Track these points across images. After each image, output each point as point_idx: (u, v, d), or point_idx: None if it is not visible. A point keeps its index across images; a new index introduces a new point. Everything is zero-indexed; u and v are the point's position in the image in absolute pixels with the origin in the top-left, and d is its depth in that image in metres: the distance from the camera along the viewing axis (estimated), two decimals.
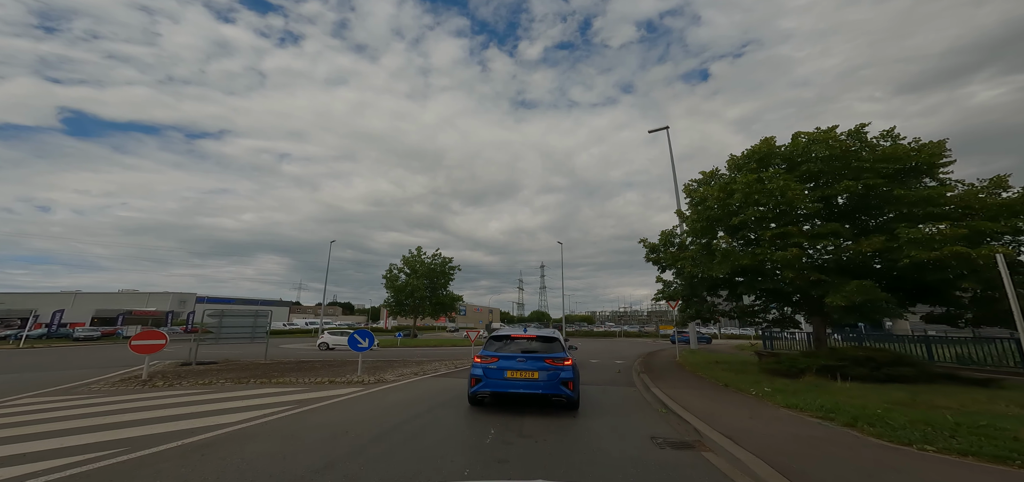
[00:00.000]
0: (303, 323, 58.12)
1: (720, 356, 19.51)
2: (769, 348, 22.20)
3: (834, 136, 12.00)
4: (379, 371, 12.83)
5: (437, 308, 43.93)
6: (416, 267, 43.49)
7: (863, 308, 9.35)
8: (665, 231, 15.65)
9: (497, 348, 7.70)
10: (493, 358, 7.45)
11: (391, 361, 17.04)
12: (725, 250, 11.52)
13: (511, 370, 7.23)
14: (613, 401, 9.04)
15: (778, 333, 20.72)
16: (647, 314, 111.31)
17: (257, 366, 13.76)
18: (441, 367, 15.03)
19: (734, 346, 32.83)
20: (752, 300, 14.97)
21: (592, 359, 20.22)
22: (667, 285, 16.05)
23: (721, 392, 9.35)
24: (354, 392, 9.46)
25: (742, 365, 14.26)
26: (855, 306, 9.25)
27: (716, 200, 12.56)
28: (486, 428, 6.32)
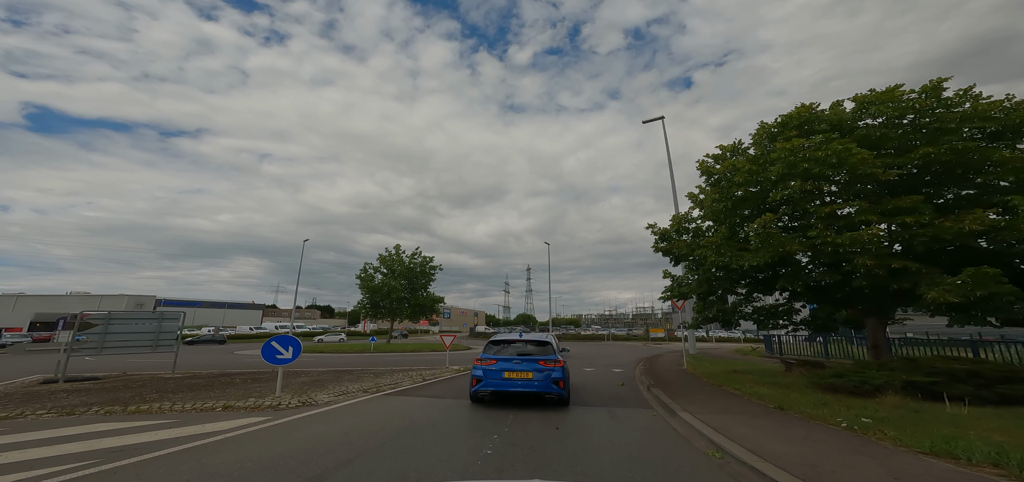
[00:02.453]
0: (273, 327, 53.75)
1: (730, 362, 16.90)
2: (779, 354, 19.77)
3: (898, 96, 9.47)
4: (310, 389, 9.64)
5: (417, 310, 40.43)
6: (394, 266, 39.93)
7: (981, 305, 6.73)
8: (677, 215, 12.92)
9: (496, 351, 8.36)
10: (492, 360, 8.14)
11: (342, 372, 13.82)
12: (764, 234, 8.84)
13: (508, 371, 7.97)
14: (631, 434, 6.16)
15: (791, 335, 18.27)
16: (632, 317, 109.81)
17: (153, 382, 10.40)
18: (403, 380, 11.91)
19: (733, 350, 30.49)
20: (778, 297, 12.35)
21: (586, 366, 17.36)
22: (677, 281, 13.32)
23: (784, 419, 6.57)
24: (253, 424, 6.33)
25: (770, 376, 11.59)
26: (969, 303, 6.62)
27: (745, 174, 9.88)
28: None
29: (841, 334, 18.13)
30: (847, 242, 7.74)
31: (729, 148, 12.66)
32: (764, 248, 9.04)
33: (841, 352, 16.74)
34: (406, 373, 13.67)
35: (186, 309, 64.53)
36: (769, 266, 9.92)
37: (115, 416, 6.68)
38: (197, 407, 7.21)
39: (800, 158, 8.96)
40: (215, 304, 75.41)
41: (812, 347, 18.46)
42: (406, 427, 6.51)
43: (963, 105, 9.13)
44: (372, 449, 5.30)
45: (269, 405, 7.51)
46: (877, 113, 9.65)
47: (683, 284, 12.97)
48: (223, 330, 49.95)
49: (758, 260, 9.02)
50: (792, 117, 10.74)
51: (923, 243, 7.68)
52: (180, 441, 5.37)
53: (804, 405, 7.12)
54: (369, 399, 8.91)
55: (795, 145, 9.11)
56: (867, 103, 9.99)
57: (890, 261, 7.48)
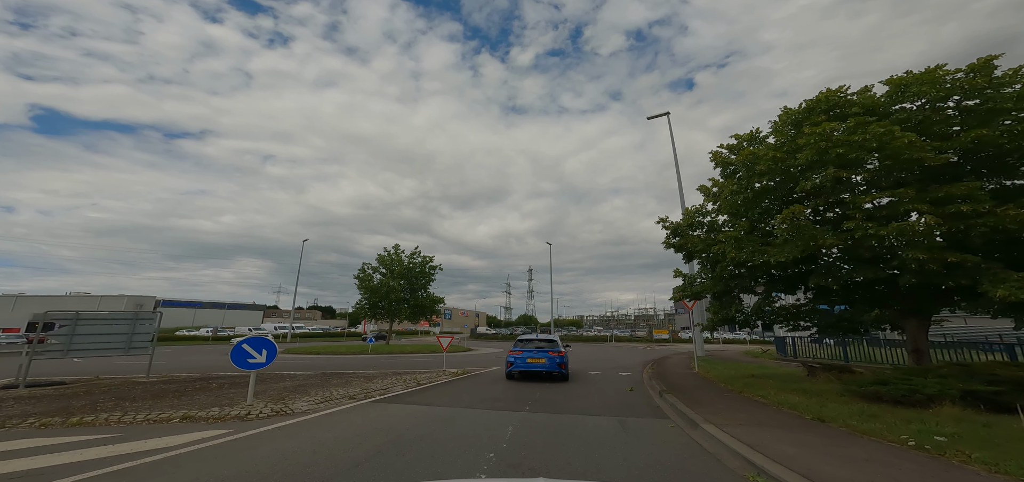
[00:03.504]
0: (272, 327, 52.89)
1: (743, 366, 15.87)
2: (793, 356, 18.70)
3: (940, 77, 8.48)
4: (290, 396, 8.67)
5: (416, 311, 39.50)
6: (392, 266, 39.01)
7: None
8: (689, 208, 11.92)
9: (522, 346, 12.97)
10: (520, 352, 12.60)
11: (331, 376, 12.85)
12: (793, 227, 7.87)
13: (530, 357, 12.30)
14: (649, 451, 5.18)
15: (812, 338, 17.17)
16: (634, 318, 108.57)
17: (119, 388, 9.46)
18: (395, 385, 10.95)
19: (741, 351, 29.40)
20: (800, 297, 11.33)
21: (590, 370, 16.35)
22: (688, 280, 12.32)
23: (830, 435, 5.58)
24: (207, 439, 5.38)
25: (793, 382, 10.57)
26: None
27: (769, 162, 8.90)
28: None
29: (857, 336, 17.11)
30: (894, 234, 6.75)
31: (746, 137, 11.67)
32: (792, 242, 8.04)
33: (861, 355, 15.69)
34: (400, 377, 12.70)
35: (187, 310, 63.78)
36: (796, 262, 8.92)
37: (50, 430, 5.73)
38: (150, 418, 6.26)
39: (833, 143, 7.98)
40: (216, 305, 74.65)
41: (827, 349, 17.41)
42: (390, 442, 5.55)
43: (1014, 85, 8.15)
44: (343, 471, 4.35)
45: (236, 415, 6.55)
46: (917, 95, 8.66)
47: (696, 283, 11.98)
48: (222, 330, 49.09)
49: (785, 255, 8.03)
50: (819, 102, 9.74)
51: (982, 235, 6.67)
52: (108, 462, 4.42)
53: (847, 417, 6.12)
54: (354, 407, 7.95)
55: (826, 129, 8.12)
56: (903, 86, 9.00)
57: (946, 255, 6.47)
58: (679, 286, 12.64)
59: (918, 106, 8.90)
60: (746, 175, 10.03)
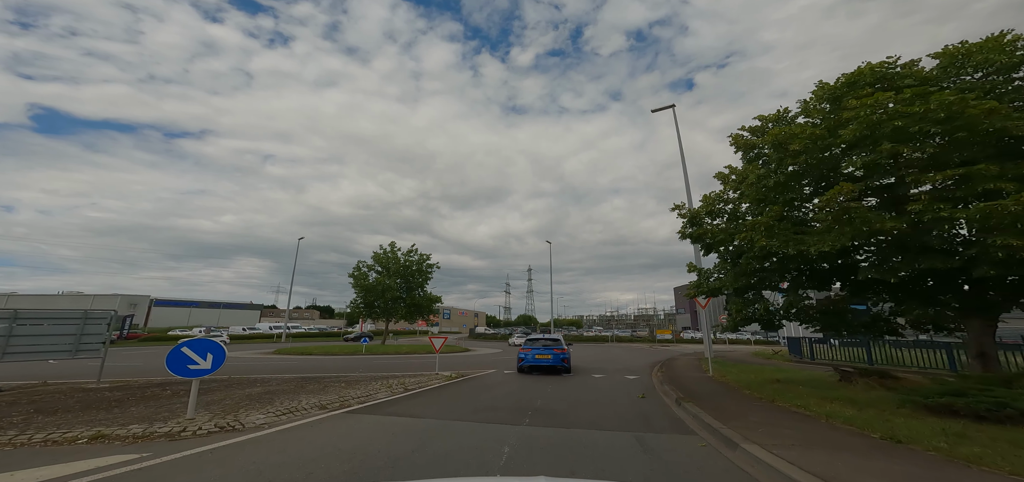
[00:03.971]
0: (267, 327, 51.60)
1: (761, 369, 14.58)
2: (810, 358, 17.42)
3: (1008, 43, 7.25)
4: (248, 406, 7.34)
5: (413, 310, 38.21)
6: (388, 264, 37.73)
7: None
8: (709, 195, 10.64)
9: (531, 344, 14.74)
10: (529, 349, 14.34)
11: (307, 381, 11.56)
12: (842, 210, 6.64)
13: (538, 354, 13.96)
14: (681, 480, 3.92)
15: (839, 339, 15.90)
16: (634, 318, 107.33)
17: (54, 396, 8.16)
18: (379, 391, 9.67)
19: (749, 352, 28.12)
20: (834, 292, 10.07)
21: (595, 372, 15.08)
22: (704, 276, 11.05)
23: (924, 463, 4.31)
24: (116, 465, 4.12)
25: (828, 388, 9.29)
26: None
27: (805, 141, 7.65)
28: None
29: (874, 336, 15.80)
30: (976, 216, 5.49)
31: (771, 118, 10.40)
32: (839, 229, 6.78)
33: (884, 357, 14.42)
34: (387, 381, 11.42)
35: (182, 309, 62.26)
36: (840, 253, 7.67)
37: None
38: (53, 438, 4.97)
39: (888, 115, 6.73)
40: (212, 304, 73.38)
41: (848, 351, 16.13)
42: (350, 471, 4.28)
43: None
44: None
45: (165, 433, 5.27)
46: (980, 65, 7.43)
47: (712, 278, 10.71)
48: (215, 330, 47.78)
49: (829, 244, 6.77)
50: (861, 74, 8.47)
51: None
52: None
53: (930, 437, 4.85)
54: (322, 420, 6.67)
55: (879, 100, 6.86)
56: (961, 56, 7.78)
57: None
58: (693, 282, 11.38)
59: (979, 77, 7.67)
60: (775, 157, 8.78)
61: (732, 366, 14.95)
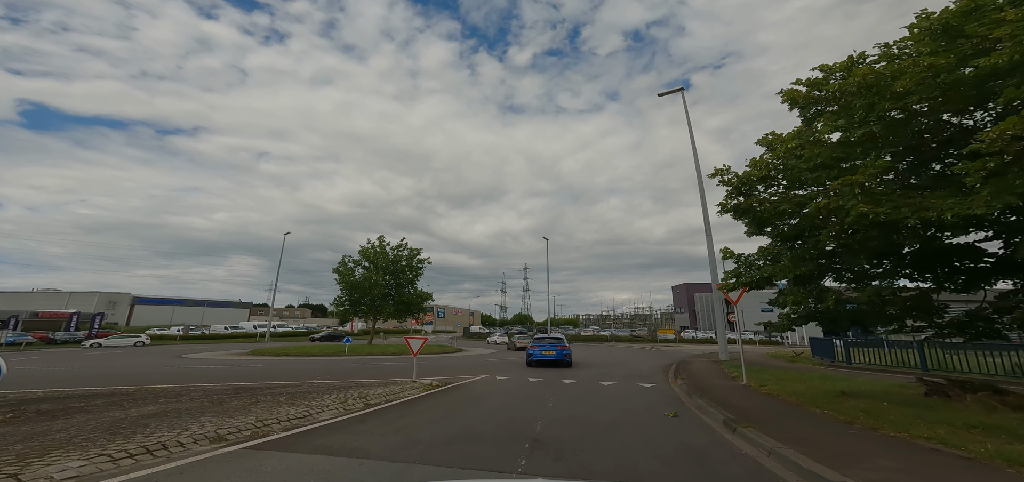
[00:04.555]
0: (252, 326, 48.87)
1: (803, 376, 12.34)
2: (846, 361, 15.20)
3: None
4: (60, 449, 4.83)
5: (402, 308, 35.69)
6: (376, 260, 35.19)
7: None
8: (759, 159, 8.27)
9: (537, 341, 17.23)
10: (536, 346, 16.59)
11: (244, 391, 9.14)
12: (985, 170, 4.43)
13: (544, 350, 16.12)
14: None
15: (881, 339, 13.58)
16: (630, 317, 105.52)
17: None
18: (326, 409, 7.28)
19: (765, 353, 25.91)
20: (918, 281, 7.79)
21: (602, 378, 12.76)
22: (744, 262, 8.76)
23: None
24: None
25: (922, 406, 7.02)
26: None
27: (923, 73, 5.38)
28: None
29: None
30: None
31: (841, 66, 8.08)
32: (1012, 181, 4.50)
33: (941, 361, 12.24)
34: (345, 393, 9.01)
35: (165, 307, 59.25)
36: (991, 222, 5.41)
37: None
38: None
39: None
40: (197, 302, 70.37)
41: (896, 354, 13.90)
42: None
43: None
44: None
45: None
46: None
47: (758, 265, 8.42)
48: (194, 329, 45.02)
49: (984, 206, 4.50)
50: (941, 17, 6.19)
51: None
52: None
53: None
54: (200, 462, 4.29)
55: None
56: None
57: None
58: (729, 271, 9.07)
59: None
60: (862, 105, 6.47)
61: (766, 372, 12.67)
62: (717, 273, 20.25)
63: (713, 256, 20.52)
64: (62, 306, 52.59)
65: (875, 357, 14.17)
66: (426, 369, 15.65)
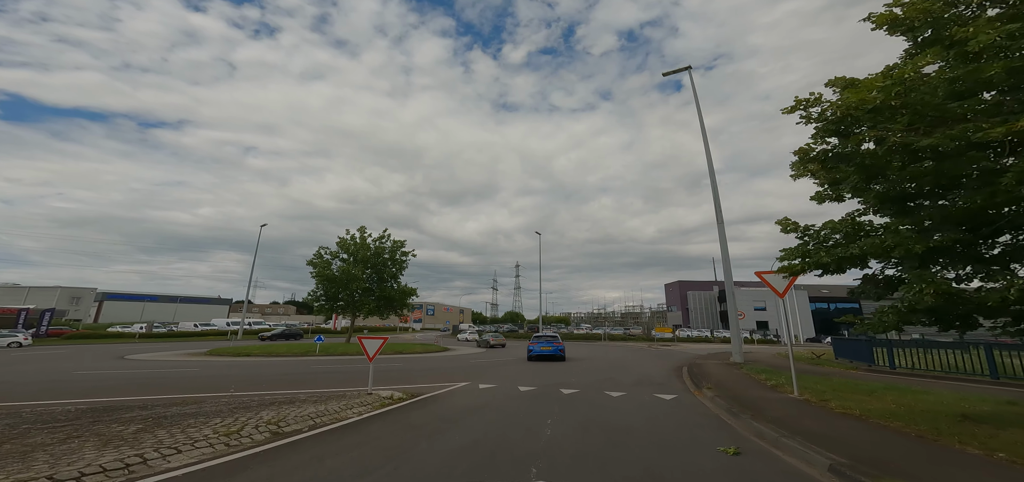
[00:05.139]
0: (225, 323, 45.48)
1: (859, 385, 10.02)
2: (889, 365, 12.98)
3: None
4: None
5: (384, 304, 32.82)
6: (356, 252, 32.25)
7: None
8: (851, 89, 5.78)
9: (537, 338, 19.17)
10: (536, 342, 18.66)
11: (111, 412, 6.41)
12: None
13: (542, 346, 18.06)
14: None
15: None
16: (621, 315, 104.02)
17: None
18: (243, 433, 4.66)
19: (773, 354, 23.80)
20: None
21: (609, 386, 10.30)
22: (817, 238, 6.33)
23: None
24: None
25: None
26: None
27: None
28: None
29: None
30: None
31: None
32: None
33: (1012, 369, 10.04)
34: (256, 414, 6.33)
35: (135, 304, 55.17)
36: None
37: None
38: None
39: None
40: (170, 298, 66.39)
41: (946, 357, 11.69)
42: None
43: None
44: None
45: None
46: None
47: (837, 240, 5.98)
48: (159, 326, 41.51)
49: None
50: None
51: None
52: None
53: None
54: None
55: None
56: None
57: None
58: (791, 249, 6.59)
59: None
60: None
61: (816, 380, 10.27)
62: (730, 264, 18.03)
63: (725, 246, 18.26)
64: (22, 301, 48.45)
65: (926, 361, 11.93)
66: (396, 374, 13.04)
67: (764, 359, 19.66)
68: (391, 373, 13.44)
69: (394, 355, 22.73)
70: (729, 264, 17.98)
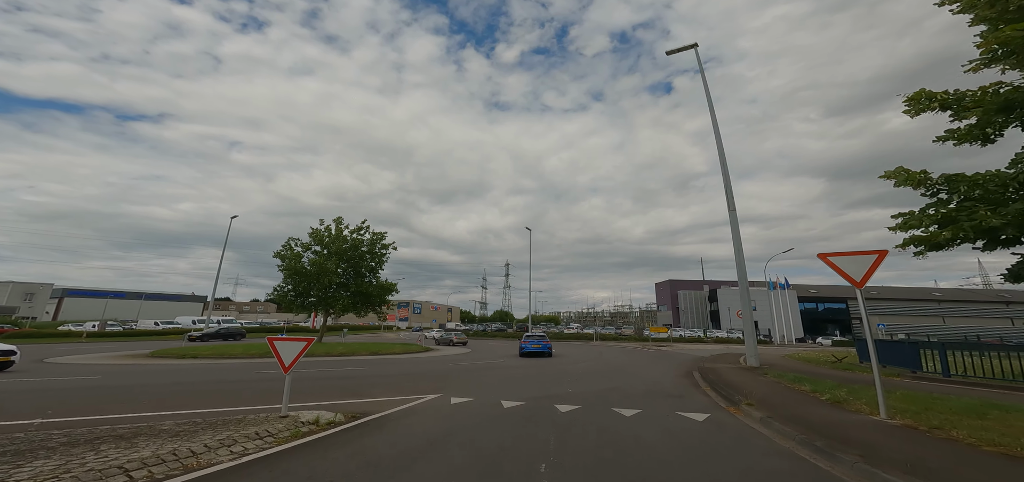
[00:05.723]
0: (190, 321, 41.93)
1: (933, 399, 7.86)
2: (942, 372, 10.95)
3: None
4: None
5: (361, 301, 29.94)
6: (330, 244, 29.32)
7: None
8: None
9: (528, 337, 21.70)
10: (527, 341, 21.29)
11: None
12: None
13: (533, 344, 20.86)
14: None
15: None
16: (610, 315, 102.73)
17: None
18: None
19: (782, 355, 21.82)
20: None
21: (615, 402, 7.95)
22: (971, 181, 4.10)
23: None
24: None
25: None
26: None
27: None
28: None
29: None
30: None
31: None
32: None
33: None
34: (147, 441, 3.78)
35: (98, 300, 50.80)
36: None
37: None
38: None
39: None
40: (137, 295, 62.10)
41: (1016, 363, 9.67)
42: None
43: None
44: None
45: None
46: None
47: None
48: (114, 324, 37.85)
49: None
50: None
51: None
52: None
53: None
54: None
55: None
56: None
57: None
58: (918, 213, 4.29)
59: None
60: None
61: (844, 388, 8.09)
62: (742, 254, 15.93)
63: (738, 235, 16.18)
64: None
65: (988, 368, 9.88)
66: (353, 382, 10.49)
67: (777, 362, 17.64)
68: (348, 381, 10.88)
69: (366, 357, 20.09)
70: (742, 258, 15.89)
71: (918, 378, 10.96)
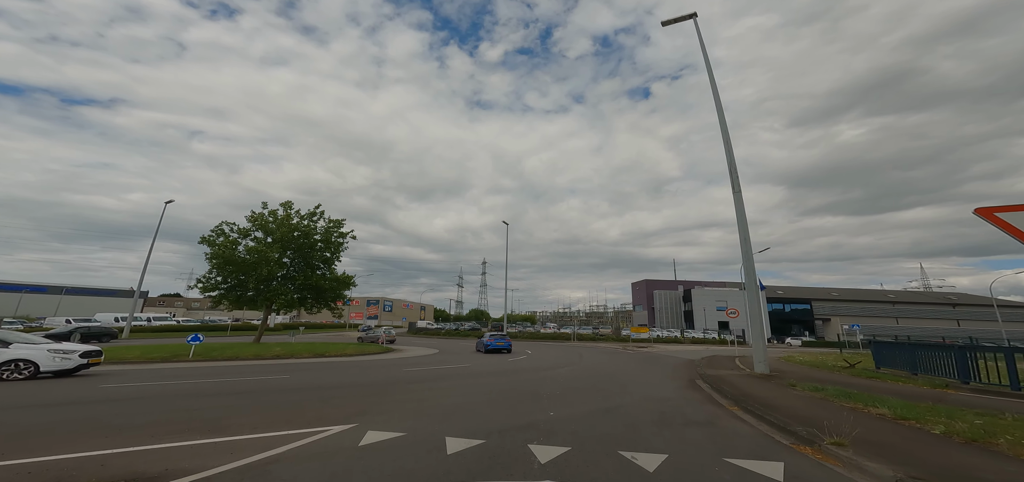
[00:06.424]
0: (113, 318, 36.25)
1: (999, 419, 5.45)
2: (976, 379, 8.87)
3: None
4: None
5: (312, 296, 25.98)
6: (275, 230, 25.24)
7: None
8: None
9: (492, 335, 23.48)
10: (492, 338, 22.91)
11: None
12: None
13: (497, 342, 22.61)
14: None
15: None
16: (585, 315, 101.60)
17: None
18: None
19: (776, 357, 19.96)
20: None
21: (630, 444, 5.13)
22: None
23: None
24: None
25: None
26: None
27: None
28: None
29: None
30: None
31: None
32: None
33: None
34: None
35: (11, 295, 43.00)
36: None
37: None
38: None
39: None
40: (57, 289, 54.56)
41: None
42: None
43: None
44: None
45: None
46: None
47: None
48: (12, 322, 31.88)
49: None
50: None
51: None
52: None
53: None
54: None
55: None
56: None
57: None
58: None
59: None
60: None
61: (916, 408, 5.68)
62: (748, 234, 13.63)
63: (743, 215, 13.94)
64: None
65: None
66: (250, 397, 7.13)
67: (783, 367, 15.54)
68: (232, 399, 7.49)
69: (304, 360, 16.48)
70: (749, 246, 13.62)
71: (977, 390, 8.83)
